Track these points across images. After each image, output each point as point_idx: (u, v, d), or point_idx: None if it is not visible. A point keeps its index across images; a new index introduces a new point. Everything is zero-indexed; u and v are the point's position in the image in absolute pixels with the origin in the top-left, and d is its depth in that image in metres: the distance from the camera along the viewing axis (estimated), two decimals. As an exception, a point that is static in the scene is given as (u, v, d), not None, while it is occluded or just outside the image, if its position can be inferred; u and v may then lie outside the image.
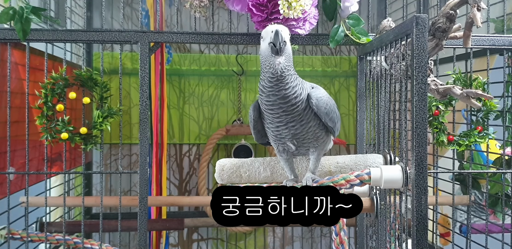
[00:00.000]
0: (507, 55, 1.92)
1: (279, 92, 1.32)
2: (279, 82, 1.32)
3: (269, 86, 1.32)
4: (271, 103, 1.35)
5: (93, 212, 2.92)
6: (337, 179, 1.47)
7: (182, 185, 3.08)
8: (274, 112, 1.37)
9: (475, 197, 2.24)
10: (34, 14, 1.66)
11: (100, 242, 1.92)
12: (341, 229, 1.66)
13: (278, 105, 1.35)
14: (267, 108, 1.37)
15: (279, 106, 1.35)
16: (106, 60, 2.92)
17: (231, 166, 1.58)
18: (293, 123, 1.39)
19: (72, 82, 1.78)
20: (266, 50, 1.31)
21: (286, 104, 1.35)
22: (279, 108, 1.35)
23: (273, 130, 1.43)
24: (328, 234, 3.14)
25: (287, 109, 1.36)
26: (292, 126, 1.40)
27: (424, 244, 1.30)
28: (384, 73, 1.65)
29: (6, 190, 1.76)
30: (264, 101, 1.36)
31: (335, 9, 1.78)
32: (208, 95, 3.05)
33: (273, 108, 1.36)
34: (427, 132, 1.31)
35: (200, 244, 3.10)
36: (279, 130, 1.42)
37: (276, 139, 1.47)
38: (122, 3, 1.86)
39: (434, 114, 1.85)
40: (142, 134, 1.77)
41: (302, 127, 1.41)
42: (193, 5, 1.81)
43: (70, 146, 1.78)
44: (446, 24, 1.43)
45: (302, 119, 1.40)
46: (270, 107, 1.36)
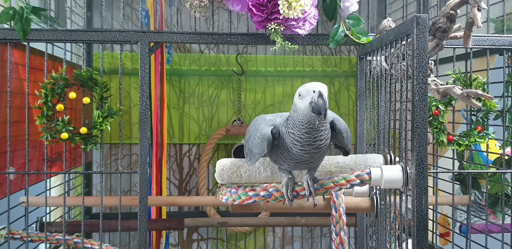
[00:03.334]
0: (507, 55, 1.92)
1: (315, 143, 1.33)
2: (316, 134, 1.32)
3: (306, 138, 1.32)
4: (305, 151, 1.35)
5: (93, 212, 2.92)
6: (338, 178, 1.46)
7: (182, 185, 3.08)
8: (301, 155, 1.36)
9: (475, 197, 2.24)
10: (34, 14, 1.66)
11: (100, 242, 1.92)
12: (341, 229, 1.67)
13: (309, 151, 1.35)
14: (296, 151, 1.36)
15: (309, 152, 1.35)
16: (106, 60, 2.92)
17: (231, 166, 1.58)
18: (313, 159, 1.40)
19: (72, 82, 1.78)
20: (306, 109, 1.30)
21: (316, 150, 1.36)
22: (308, 153, 1.36)
23: (289, 163, 1.41)
24: (328, 234, 3.14)
25: (315, 152, 1.36)
26: (311, 161, 1.41)
27: (424, 244, 1.30)
28: (384, 73, 1.65)
29: (6, 190, 1.76)
30: (296, 149, 1.35)
31: (335, 9, 1.78)
32: (208, 95, 3.05)
33: (303, 154, 1.36)
34: (427, 132, 1.31)
35: (200, 244, 3.10)
36: (297, 164, 1.41)
37: (286, 167, 1.45)
38: (122, 3, 1.86)
39: (434, 114, 1.85)
40: (142, 134, 1.77)
41: (320, 158, 1.43)
42: (193, 5, 1.81)
43: (70, 146, 1.78)
44: (446, 24, 1.43)
45: (323, 152, 1.41)
46: (300, 153, 1.36)
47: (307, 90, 1.29)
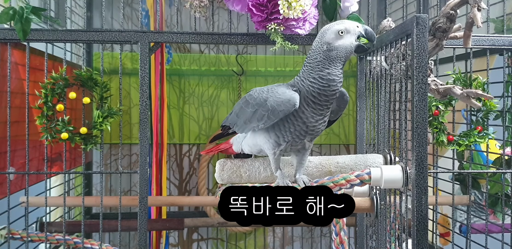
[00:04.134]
0: (507, 55, 1.93)
1: (341, 80, 1.38)
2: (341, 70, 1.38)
3: (340, 73, 1.36)
4: (333, 91, 1.37)
5: (93, 212, 2.92)
6: (338, 179, 1.47)
7: (182, 185, 3.08)
8: (327, 105, 1.39)
9: (475, 197, 2.24)
10: (34, 14, 1.66)
11: (100, 242, 1.92)
12: (341, 229, 1.67)
13: (335, 95, 1.38)
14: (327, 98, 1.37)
15: (327, 100, 1.38)
16: (106, 60, 2.92)
17: (231, 165, 1.58)
18: (326, 118, 1.43)
19: (72, 82, 1.78)
20: (349, 46, 1.36)
21: (334, 96, 1.39)
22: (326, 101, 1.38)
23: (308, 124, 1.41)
24: (328, 234, 3.14)
25: (331, 100, 1.39)
26: (325, 120, 1.44)
27: (424, 244, 1.30)
28: (384, 73, 1.65)
29: (6, 190, 1.76)
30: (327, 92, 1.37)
31: (335, 9, 1.78)
32: (208, 95, 3.05)
33: (332, 98, 1.38)
34: (427, 132, 1.31)
35: (200, 244, 3.10)
36: (316, 124, 1.42)
37: (298, 134, 1.43)
38: (122, 3, 1.86)
39: (434, 114, 1.85)
40: (142, 134, 1.77)
41: (327, 120, 1.46)
42: (193, 5, 1.81)
43: (70, 146, 1.78)
44: (446, 24, 1.43)
45: (327, 117, 1.45)
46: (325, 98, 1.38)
47: (349, 28, 1.35)
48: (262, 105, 1.40)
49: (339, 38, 1.35)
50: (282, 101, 1.36)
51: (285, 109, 1.36)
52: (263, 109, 1.40)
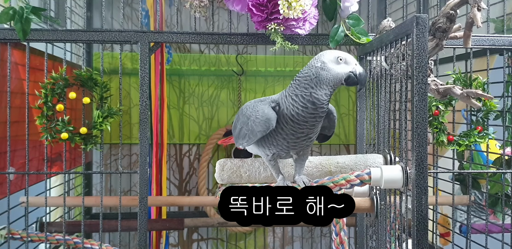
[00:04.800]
0: (507, 55, 1.92)
1: (322, 107, 1.36)
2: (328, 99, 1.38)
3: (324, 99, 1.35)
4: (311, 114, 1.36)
5: (93, 212, 2.92)
6: (338, 179, 1.47)
7: (182, 185, 3.08)
8: (302, 124, 1.37)
9: (475, 197, 2.24)
10: (34, 14, 1.66)
11: (100, 242, 1.92)
12: (341, 229, 1.67)
13: (315, 118, 1.37)
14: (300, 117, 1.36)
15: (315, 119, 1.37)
16: (106, 60, 2.92)
17: (231, 166, 1.58)
18: (311, 135, 1.42)
19: (72, 82, 1.78)
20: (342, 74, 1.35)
21: (320, 119, 1.38)
22: (313, 117, 1.37)
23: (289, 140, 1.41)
24: (328, 234, 3.14)
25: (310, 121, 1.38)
26: (309, 137, 1.42)
27: (424, 244, 1.30)
28: (384, 73, 1.65)
29: (6, 190, 1.76)
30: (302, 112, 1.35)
31: (335, 9, 1.78)
32: (208, 95, 3.05)
33: (304, 122, 1.37)
34: (427, 132, 1.31)
35: (200, 244, 3.10)
36: (297, 141, 1.41)
37: (281, 148, 1.44)
38: (122, 3, 1.86)
39: (434, 114, 1.85)
40: (142, 134, 1.77)
41: (313, 137, 1.44)
42: (193, 5, 1.81)
43: (70, 146, 1.78)
44: (446, 24, 1.43)
45: (316, 133, 1.44)
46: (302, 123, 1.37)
47: (348, 59, 1.36)
48: (245, 123, 1.44)
49: (336, 62, 1.35)
50: (259, 122, 1.38)
51: (262, 130, 1.38)
52: (246, 129, 1.43)
